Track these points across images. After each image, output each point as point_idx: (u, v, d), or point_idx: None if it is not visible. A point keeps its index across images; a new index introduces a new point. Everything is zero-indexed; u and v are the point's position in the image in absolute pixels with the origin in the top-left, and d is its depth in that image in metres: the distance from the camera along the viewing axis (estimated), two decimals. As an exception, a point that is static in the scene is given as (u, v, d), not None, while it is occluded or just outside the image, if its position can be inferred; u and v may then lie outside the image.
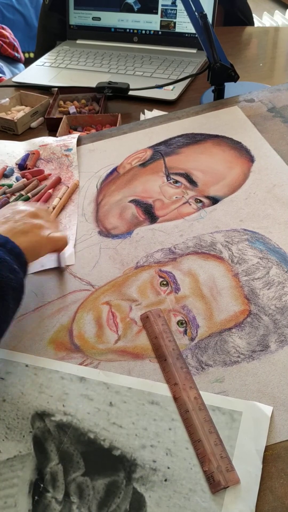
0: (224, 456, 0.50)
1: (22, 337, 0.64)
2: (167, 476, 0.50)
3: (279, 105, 0.98)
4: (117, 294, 0.68)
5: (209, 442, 0.51)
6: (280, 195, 0.79)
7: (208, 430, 0.52)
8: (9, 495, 0.50)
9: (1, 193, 0.87)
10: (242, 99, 1.02)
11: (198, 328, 0.63)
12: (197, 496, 0.49)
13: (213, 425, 0.53)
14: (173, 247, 0.73)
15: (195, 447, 0.52)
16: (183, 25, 1.35)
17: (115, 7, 1.41)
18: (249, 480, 0.49)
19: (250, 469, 0.50)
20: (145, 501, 0.49)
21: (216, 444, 0.51)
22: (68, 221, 0.80)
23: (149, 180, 0.86)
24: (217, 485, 0.49)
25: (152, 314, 0.64)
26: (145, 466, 0.51)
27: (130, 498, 0.49)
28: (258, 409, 0.54)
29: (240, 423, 0.53)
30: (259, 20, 2.80)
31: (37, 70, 1.37)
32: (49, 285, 0.70)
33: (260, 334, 0.61)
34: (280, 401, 0.55)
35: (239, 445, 0.51)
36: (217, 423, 0.53)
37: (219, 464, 0.50)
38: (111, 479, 0.50)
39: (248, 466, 0.50)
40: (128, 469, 0.51)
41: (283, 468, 0.50)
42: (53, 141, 0.97)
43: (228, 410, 0.54)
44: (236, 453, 0.51)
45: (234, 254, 0.70)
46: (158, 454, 0.52)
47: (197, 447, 0.51)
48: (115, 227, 0.78)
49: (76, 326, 0.65)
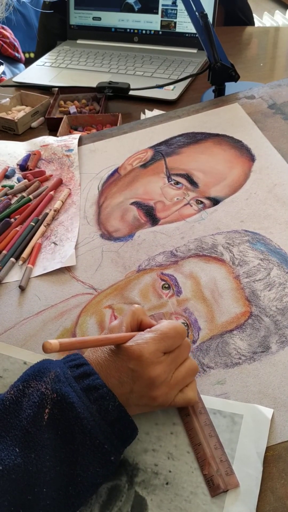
0: (224, 460, 0.51)
1: (26, 341, 0.64)
2: (169, 480, 0.51)
3: (280, 102, 0.97)
4: (119, 297, 0.68)
5: (209, 445, 0.52)
6: (281, 195, 0.79)
7: (208, 434, 0.53)
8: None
9: (2, 194, 0.87)
10: (243, 95, 1.01)
11: (199, 331, 0.63)
12: (198, 499, 0.49)
13: (214, 428, 0.53)
14: (174, 250, 0.73)
15: (195, 450, 0.52)
16: (184, 25, 1.35)
17: (115, 7, 1.41)
18: (250, 482, 0.50)
19: (251, 472, 0.50)
20: (147, 504, 0.49)
21: (216, 448, 0.52)
22: (70, 223, 0.81)
23: (150, 182, 0.86)
24: (216, 488, 0.49)
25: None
26: (147, 470, 0.51)
27: (132, 501, 0.50)
28: (259, 411, 0.54)
29: (241, 426, 0.53)
30: (260, 20, 2.79)
31: (38, 70, 1.37)
32: (52, 289, 0.71)
33: (261, 335, 0.62)
34: (281, 402, 0.55)
35: (240, 448, 0.52)
36: (218, 426, 0.54)
37: (218, 468, 0.50)
38: (113, 483, 0.51)
39: (249, 468, 0.50)
40: (130, 473, 0.51)
41: (284, 468, 0.51)
42: (54, 141, 0.97)
43: (229, 413, 0.55)
44: (237, 455, 0.51)
45: (235, 256, 0.71)
46: (160, 458, 0.52)
47: (197, 451, 0.52)
48: (117, 230, 0.78)
49: (79, 330, 0.65)
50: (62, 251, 0.75)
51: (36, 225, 0.80)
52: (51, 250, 0.77)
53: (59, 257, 0.75)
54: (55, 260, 0.74)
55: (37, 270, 0.74)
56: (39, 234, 0.79)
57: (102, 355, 0.49)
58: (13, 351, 0.62)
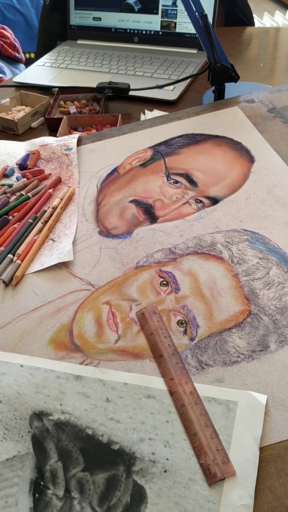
0: (220, 449, 0.51)
1: (22, 337, 0.64)
2: (167, 467, 0.51)
3: (280, 106, 0.98)
4: (117, 294, 0.68)
5: (205, 435, 0.52)
6: (280, 196, 0.79)
7: (204, 424, 0.53)
8: (10, 495, 0.51)
9: (1, 193, 0.87)
10: (242, 99, 1.02)
11: (198, 328, 0.63)
12: (196, 485, 0.50)
13: (209, 418, 0.53)
14: (173, 247, 0.73)
15: (191, 440, 0.52)
16: (184, 25, 1.35)
17: (115, 8, 1.41)
18: (247, 467, 0.50)
19: (248, 456, 0.51)
20: (146, 493, 0.49)
21: (212, 437, 0.52)
22: (69, 220, 0.80)
23: (149, 180, 0.86)
24: (213, 477, 0.49)
25: (147, 310, 0.64)
26: (144, 458, 0.52)
27: (130, 490, 0.50)
28: (253, 398, 0.55)
29: (236, 413, 0.54)
30: (260, 21, 2.80)
31: (38, 70, 1.37)
32: (49, 285, 0.70)
33: (260, 334, 0.62)
34: (279, 401, 0.55)
35: (236, 434, 0.52)
36: (214, 413, 0.54)
37: (215, 457, 0.51)
38: (111, 473, 0.51)
39: (245, 453, 0.51)
40: (127, 462, 0.51)
41: (283, 467, 0.51)
42: (53, 141, 0.97)
43: (223, 400, 0.55)
44: (234, 441, 0.52)
45: (234, 255, 0.70)
46: (157, 447, 0.52)
47: (193, 441, 0.52)
48: (115, 227, 0.78)
49: (76, 326, 0.65)
50: (60, 247, 0.75)
51: (34, 222, 0.80)
52: (49, 246, 0.77)
53: (56, 253, 0.74)
54: (53, 256, 0.74)
55: (35, 266, 0.73)
56: (35, 231, 0.78)
57: None
58: (10, 357, 0.62)
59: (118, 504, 0.49)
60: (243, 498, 0.48)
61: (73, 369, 0.60)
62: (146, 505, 0.49)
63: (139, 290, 0.68)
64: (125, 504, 0.49)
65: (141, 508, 0.49)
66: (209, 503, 0.48)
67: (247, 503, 0.48)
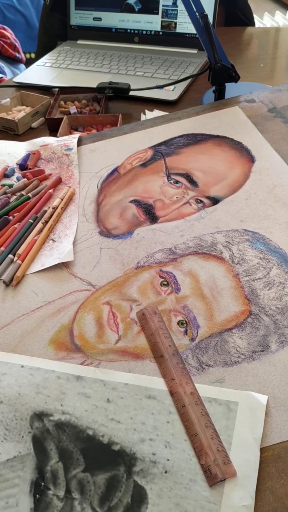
0: (220, 450, 0.51)
1: (23, 337, 0.64)
2: (167, 468, 0.51)
3: (280, 106, 0.98)
4: (117, 294, 0.68)
5: (205, 436, 0.52)
6: (281, 196, 0.79)
7: (204, 424, 0.53)
8: (11, 495, 0.50)
9: (1, 193, 0.87)
10: (243, 99, 1.02)
11: (198, 328, 0.63)
12: (197, 485, 0.50)
13: (210, 419, 0.53)
14: (173, 247, 0.73)
15: (192, 441, 0.52)
16: (184, 25, 1.35)
17: (116, 8, 1.41)
18: (248, 467, 0.50)
19: (249, 457, 0.51)
20: (146, 493, 0.49)
21: (212, 438, 0.52)
22: (69, 220, 0.80)
23: (150, 180, 0.86)
24: (214, 478, 0.49)
25: (148, 311, 0.64)
26: (145, 459, 0.51)
27: (131, 491, 0.50)
28: (253, 398, 0.55)
29: (237, 413, 0.54)
30: (260, 21, 2.80)
31: (38, 70, 1.37)
32: (50, 285, 0.70)
33: (261, 334, 0.61)
34: (280, 402, 0.55)
35: (237, 434, 0.52)
36: (214, 414, 0.54)
37: (215, 458, 0.50)
38: (112, 474, 0.51)
39: (246, 454, 0.51)
40: (128, 463, 0.51)
41: (284, 468, 0.50)
42: (53, 141, 0.97)
43: (224, 401, 0.55)
44: (234, 442, 0.52)
45: (234, 255, 0.70)
46: (157, 447, 0.52)
47: (194, 441, 0.52)
48: (115, 227, 0.78)
49: (77, 326, 0.65)
50: (60, 247, 0.75)
51: (35, 223, 0.80)
52: (49, 246, 0.77)
53: (57, 253, 0.74)
54: (53, 256, 0.74)
55: (35, 266, 0.73)
56: (36, 231, 0.78)
57: None
58: (10, 357, 0.62)
59: (119, 505, 0.49)
60: (243, 499, 0.48)
61: (74, 370, 0.60)
62: (146, 505, 0.49)
63: (140, 290, 0.68)
64: (126, 504, 0.49)
65: (142, 509, 0.49)
66: (209, 504, 0.48)
67: (248, 503, 0.48)
